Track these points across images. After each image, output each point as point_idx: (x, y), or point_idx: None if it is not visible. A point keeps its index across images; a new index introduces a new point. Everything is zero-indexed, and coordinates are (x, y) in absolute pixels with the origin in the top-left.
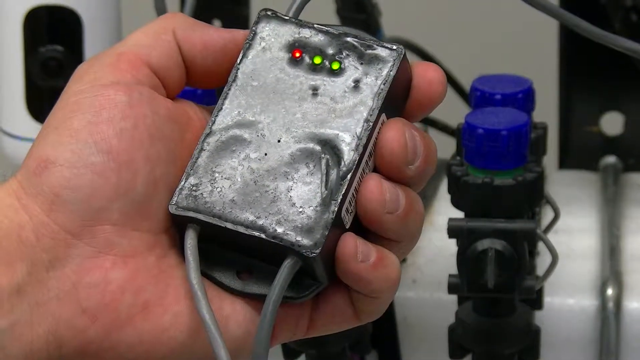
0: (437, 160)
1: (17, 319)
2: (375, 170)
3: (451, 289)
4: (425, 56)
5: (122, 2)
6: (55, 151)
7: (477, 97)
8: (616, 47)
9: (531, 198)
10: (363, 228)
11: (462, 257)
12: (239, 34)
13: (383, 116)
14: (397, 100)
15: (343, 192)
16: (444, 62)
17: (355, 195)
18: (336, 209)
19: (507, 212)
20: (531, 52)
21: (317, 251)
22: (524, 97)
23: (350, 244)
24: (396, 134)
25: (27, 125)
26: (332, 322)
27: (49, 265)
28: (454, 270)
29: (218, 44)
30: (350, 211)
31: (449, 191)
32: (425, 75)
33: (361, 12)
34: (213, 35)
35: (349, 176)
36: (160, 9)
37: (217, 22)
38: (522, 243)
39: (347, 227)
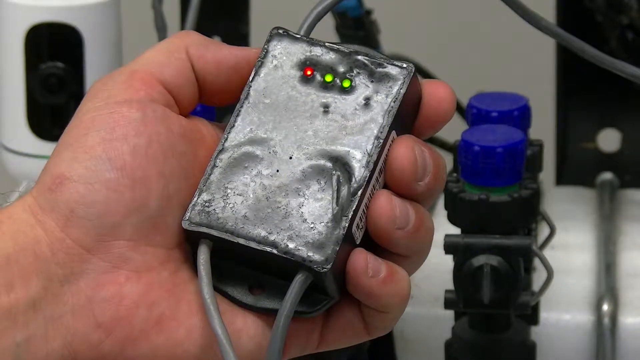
0: (446, 176)
1: (33, 333)
2: (386, 186)
3: (447, 304)
4: (424, 73)
5: (122, 19)
6: (70, 167)
7: (474, 114)
8: (620, 73)
9: (527, 214)
10: (373, 244)
11: (458, 273)
12: (251, 52)
13: (393, 133)
14: (407, 117)
15: (354, 208)
16: (442, 78)
17: (365, 211)
18: (347, 224)
19: (502, 229)
20: (528, 69)
21: (328, 266)
22: (520, 115)
23: (361, 259)
24: (406, 151)
25: (28, 141)
26: (342, 336)
27: (64, 280)
28: (450, 286)
29: (230, 62)
30: (361, 227)
31: (446, 207)
32: (435, 93)
33: (360, 29)
34: (225, 53)
35: (359, 192)
36: (161, 26)
37: (216, 39)
38: (518, 259)
39: (358, 242)
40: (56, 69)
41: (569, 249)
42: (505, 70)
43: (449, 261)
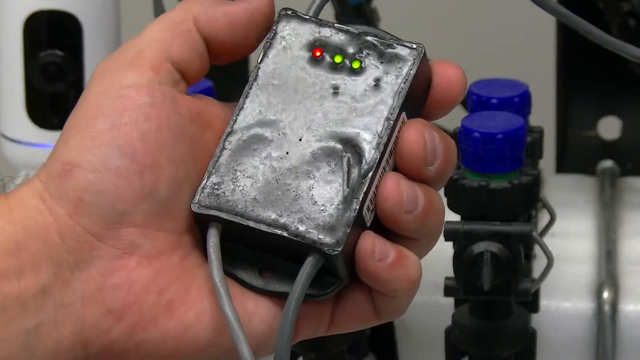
0: (457, 160)
1: (43, 319)
2: (396, 169)
3: (448, 291)
4: None
5: (121, 6)
6: (79, 155)
7: (474, 101)
8: (623, 54)
9: (527, 201)
10: (385, 226)
11: (459, 260)
12: (260, 2)
13: (403, 115)
14: (417, 99)
15: (364, 190)
16: None
17: (376, 193)
18: (357, 207)
19: (503, 215)
20: (529, 56)
21: (339, 249)
22: (520, 101)
23: (368, 242)
24: (416, 135)
25: (27, 129)
26: (352, 320)
27: (74, 267)
28: (450, 273)
29: (243, 17)
30: (372, 209)
31: (446, 194)
32: (445, 74)
33: (360, 17)
34: (237, 11)
35: (370, 174)
36: (160, 14)
37: None
38: (518, 246)
39: (369, 225)
40: (55, 57)
41: (569, 237)
42: (506, 57)
43: (449, 248)
